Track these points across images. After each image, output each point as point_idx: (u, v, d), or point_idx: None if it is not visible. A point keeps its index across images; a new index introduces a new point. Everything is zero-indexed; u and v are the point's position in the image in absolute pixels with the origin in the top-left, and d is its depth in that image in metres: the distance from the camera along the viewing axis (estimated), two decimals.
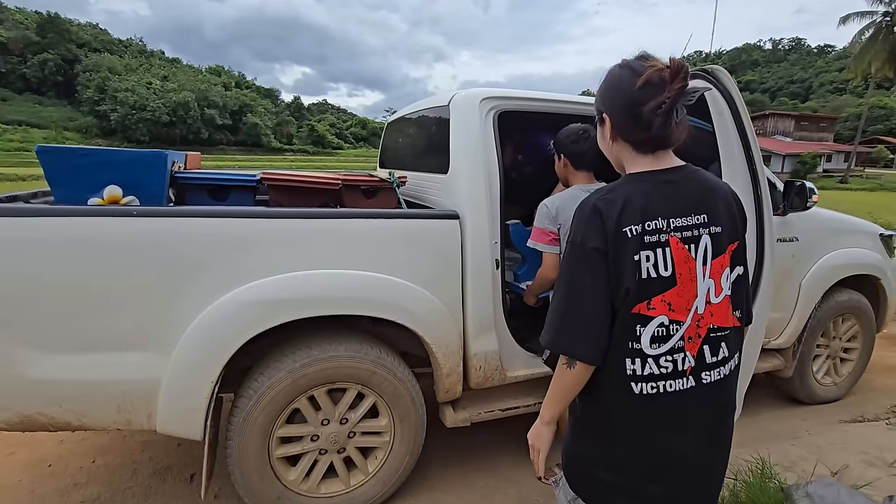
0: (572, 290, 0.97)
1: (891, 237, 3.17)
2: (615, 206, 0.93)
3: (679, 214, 0.94)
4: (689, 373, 0.96)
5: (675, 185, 0.97)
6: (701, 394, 0.97)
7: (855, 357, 3.15)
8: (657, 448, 0.98)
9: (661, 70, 0.91)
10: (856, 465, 2.09)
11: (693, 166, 1.02)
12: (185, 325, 1.62)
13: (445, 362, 1.98)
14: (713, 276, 0.96)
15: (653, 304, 0.93)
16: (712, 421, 1.02)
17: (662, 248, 0.92)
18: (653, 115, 0.92)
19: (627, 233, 0.92)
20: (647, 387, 0.95)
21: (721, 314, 0.97)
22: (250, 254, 1.68)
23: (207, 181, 2.04)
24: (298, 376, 1.77)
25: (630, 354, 0.95)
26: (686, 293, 0.94)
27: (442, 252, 1.95)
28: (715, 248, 0.96)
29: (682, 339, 0.94)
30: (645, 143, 0.97)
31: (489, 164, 2.03)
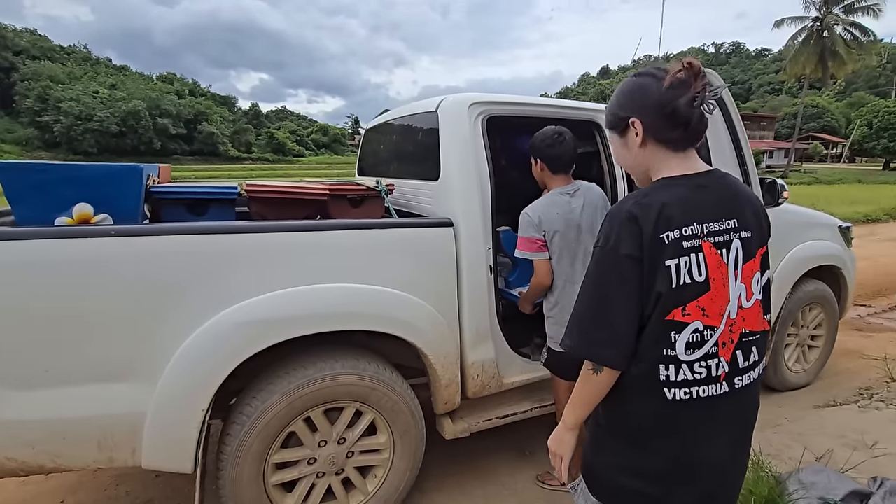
0: (601, 295, 0.96)
1: (848, 229, 3.37)
2: (652, 212, 0.92)
3: (712, 219, 0.94)
4: (723, 378, 0.96)
5: (708, 189, 0.97)
6: (733, 399, 0.98)
7: (821, 344, 3.31)
8: (690, 454, 0.98)
9: (682, 70, 0.93)
10: (839, 450, 2.19)
11: (720, 170, 1.03)
12: (171, 350, 1.51)
13: (444, 373, 1.94)
14: (744, 280, 0.96)
15: (688, 309, 0.92)
16: (742, 425, 1.03)
17: (696, 253, 0.92)
18: (689, 108, 0.93)
19: (664, 239, 0.91)
20: (681, 392, 0.95)
21: (752, 318, 0.98)
22: (239, 271, 1.59)
23: (185, 195, 1.93)
24: (294, 398, 1.69)
25: (664, 361, 0.94)
26: (719, 298, 0.94)
27: (437, 261, 1.91)
28: (745, 253, 0.96)
29: (716, 345, 0.94)
30: (683, 140, 0.97)
31: (480, 170, 2.01)
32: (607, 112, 1.07)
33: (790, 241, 2.97)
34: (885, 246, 8.62)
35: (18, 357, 1.40)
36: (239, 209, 2.29)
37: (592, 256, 0.99)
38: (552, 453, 1.11)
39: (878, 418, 2.47)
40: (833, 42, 30.77)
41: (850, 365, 3.60)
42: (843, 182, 28.01)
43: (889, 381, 3.04)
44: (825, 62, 31.60)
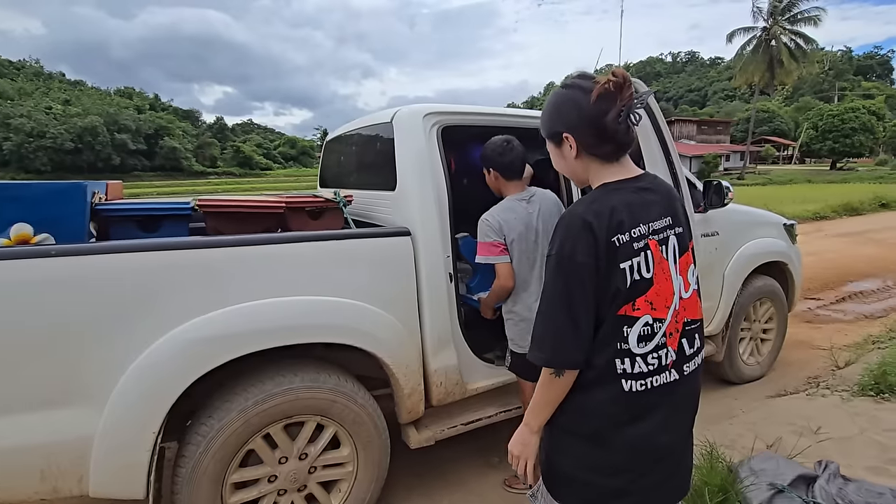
0: (564, 305, 0.97)
1: (792, 226, 3.56)
2: (603, 218, 0.96)
3: (655, 218, 1.00)
4: (671, 366, 1.01)
5: (648, 191, 1.03)
6: (683, 385, 1.04)
7: (773, 336, 3.47)
8: (649, 442, 1.02)
9: (608, 82, 0.97)
10: (787, 437, 2.29)
11: (650, 173, 1.09)
12: (118, 372, 1.47)
13: (406, 382, 1.94)
14: (682, 273, 1.03)
15: (637, 304, 0.97)
16: (692, 410, 1.10)
17: (645, 251, 0.98)
18: (615, 124, 0.98)
19: (616, 242, 0.95)
20: (637, 384, 0.99)
21: (691, 307, 1.05)
22: (190, 288, 1.56)
23: (135, 212, 1.88)
24: (252, 415, 1.65)
25: (619, 355, 0.98)
26: (663, 291, 0.99)
27: (396, 270, 1.93)
28: (681, 247, 1.03)
29: (664, 336, 1.00)
30: (613, 152, 1.03)
31: (437, 179, 2.04)
32: (541, 124, 1.11)
33: (739, 240, 3.11)
34: (832, 241, 9.11)
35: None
36: (196, 225, 2.25)
37: (548, 265, 1.01)
38: (515, 457, 1.12)
39: (824, 405, 2.61)
40: (779, 51, 32.58)
41: (801, 356, 3.78)
42: (794, 182, 29.44)
43: (834, 370, 3.21)
44: (773, 69, 33.40)
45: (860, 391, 2.66)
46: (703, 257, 2.92)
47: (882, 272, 6.67)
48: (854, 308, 5.22)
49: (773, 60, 32.99)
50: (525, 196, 1.99)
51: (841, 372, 3.12)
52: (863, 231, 10.13)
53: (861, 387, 2.69)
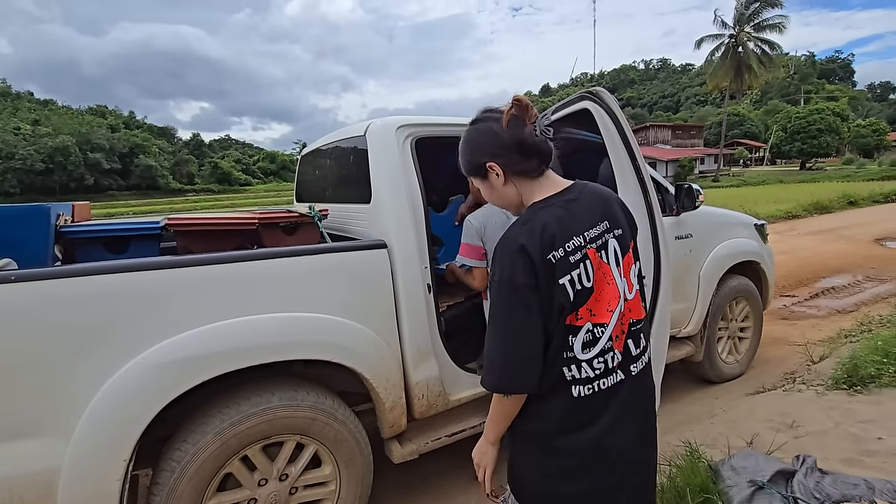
0: (510, 330, 0.98)
1: (762, 226, 3.65)
2: (535, 237, 0.97)
3: (589, 227, 1.02)
4: (617, 368, 1.03)
5: (578, 201, 1.04)
6: (631, 385, 1.05)
7: (750, 335, 3.54)
8: (602, 445, 1.02)
9: (511, 108, 1.02)
10: (765, 433, 2.33)
11: (581, 181, 1.11)
12: (87, 398, 1.42)
13: (388, 396, 1.92)
14: (625, 274, 1.05)
15: (580, 314, 0.98)
16: (643, 409, 1.11)
17: (584, 262, 0.98)
18: (532, 137, 1.01)
19: (552, 259, 0.96)
20: (585, 389, 1.00)
21: (636, 308, 1.07)
22: (161, 309, 1.52)
23: (102, 233, 1.84)
24: (228, 437, 1.61)
25: (567, 363, 0.99)
26: (604, 297, 1.00)
27: (373, 283, 1.91)
28: (622, 249, 1.05)
29: (609, 339, 1.01)
30: (537, 166, 1.05)
31: (411, 190, 2.04)
32: (462, 162, 1.13)
33: (712, 241, 3.18)
34: (805, 239, 9.37)
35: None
36: (168, 244, 2.20)
37: (491, 290, 1.02)
38: (476, 465, 1.15)
39: (800, 400, 2.66)
40: (747, 56, 33.69)
41: (778, 352, 3.86)
42: (766, 183, 30.30)
43: (810, 364, 3.28)
44: (741, 75, 34.52)
45: (834, 385, 2.72)
46: (678, 259, 2.97)
47: (852, 268, 6.88)
48: (827, 303, 5.36)
49: (741, 66, 34.11)
50: None
51: (816, 367, 3.19)
52: (833, 228, 10.45)
53: (835, 380, 2.75)
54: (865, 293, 5.66)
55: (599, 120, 1.70)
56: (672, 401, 3.13)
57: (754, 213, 12.36)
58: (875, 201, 15.42)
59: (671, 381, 3.45)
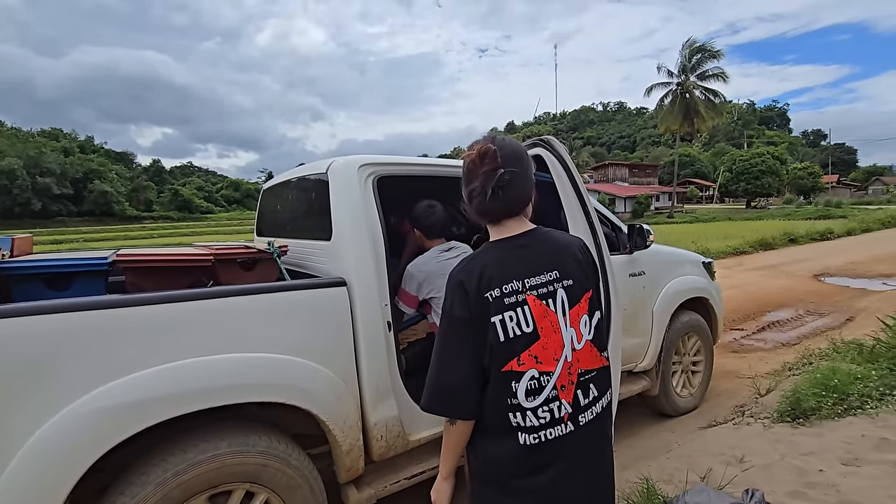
0: (444, 357, 1.04)
1: (710, 263, 3.86)
2: (474, 275, 1.03)
3: (532, 274, 1.05)
4: (567, 419, 1.04)
5: (527, 248, 1.08)
6: (581, 436, 1.06)
7: (702, 368, 3.68)
8: (550, 493, 1.03)
9: (471, 156, 1.05)
10: (717, 467, 2.39)
11: (544, 228, 1.15)
12: (16, 445, 1.32)
13: (345, 438, 1.87)
14: (573, 324, 1.06)
15: (522, 359, 1.01)
16: (595, 460, 1.11)
17: (522, 307, 1.02)
18: (472, 196, 1.07)
19: (488, 297, 1.01)
20: (531, 437, 1.02)
21: (586, 358, 1.08)
22: (98, 352, 1.45)
23: (42, 269, 1.75)
24: (171, 487, 1.52)
25: (511, 409, 1.02)
26: (551, 345, 1.03)
27: (332, 321, 1.89)
28: (571, 299, 1.07)
29: (555, 388, 1.03)
30: (486, 213, 1.10)
31: (372, 228, 2.06)
32: None
33: (664, 278, 3.32)
34: (752, 274, 9.91)
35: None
36: (116, 279, 2.12)
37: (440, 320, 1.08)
38: (433, 502, 1.15)
39: (748, 433, 2.76)
40: (694, 103, 36.20)
41: (729, 385, 4.01)
42: (717, 220, 32.03)
43: (757, 397, 3.42)
44: (690, 119, 36.96)
45: (779, 418, 2.84)
46: (632, 296, 3.09)
47: (794, 302, 7.31)
48: (773, 336, 5.65)
49: (689, 111, 36.56)
50: (445, 247, 2.29)
51: (763, 399, 3.33)
52: (776, 264, 11.11)
53: (779, 413, 2.87)
54: (807, 326, 6.00)
55: (551, 165, 1.79)
56: (630, 435, 3.18)
57: (707, 249, 13.06)
58: (813, 239, 16.56)
59: (630, 415, 3.51)
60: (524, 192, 1.10)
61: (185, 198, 59.91)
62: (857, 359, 3.58)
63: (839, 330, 5.51)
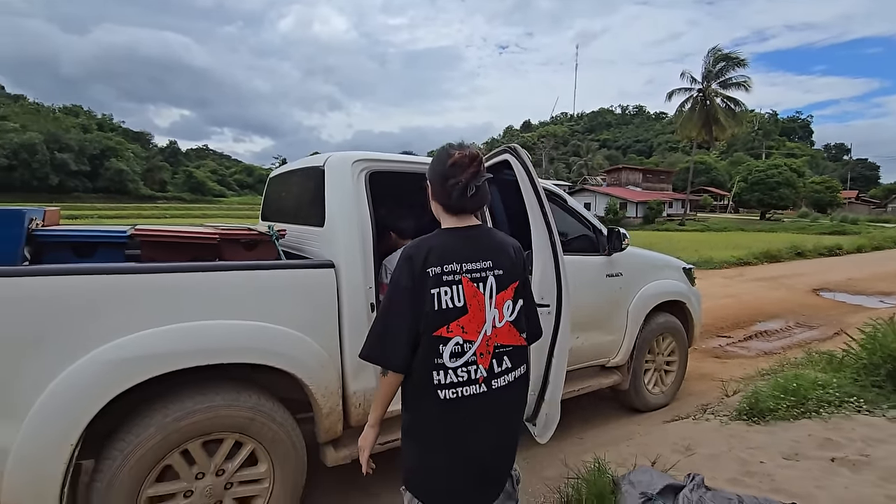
0: (385, 316, 1.27)
1: (690, 269, 4.03)
2: (422, 253, 1.25)
3: (470, 260, 1.28)
4: (481, 381, 1.27)
5: (470, 239, 1.31)
6: (492, 397, 1.29)
7: (675, 368, 3.86)
8: (460, 445, 1.27)
9: (463, 156, 1.27)
10: (668, 454, 2.59)
11: (486, 226, 1.39)
12: (40, 387, 1.57)
13: (325, 402, 2.11)
14: (497, 306, 1.30)
15: (451, 328, 1.24)
16: (502, 419, 1.34)
17: (457, 285, 1.25)
18: (453, 187, 1.27)
19: (429, 273, 1.23)
20: (450, 393, 1.24)
21: (504, 335, 1.31)
22: (114, 311, 1.69)
23: (71, 238, 2.00)
24: (170, 431, 1.77)
25: (435, 368, 1.24)
26: (476, 319, 1.26)
27: (319, 298, 2.12)
28: (498, 286, 1.30)
29: (474, 355, 1.26)
30: (450, 206, 1.32)
31: (361, 218, 2.28)
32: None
33: (641, 280, 3.51)
34: (750, 285, 10.00)
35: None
36: (133, 252, 2.36)
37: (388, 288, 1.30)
38: (359, 448, 1.38)
39: (706, 428, 2.95)
40: (714, 110, 35.85)
41: (703, 387, 4.19)
42: (728, 230, 31.86)
43: (723, 398, 3.60)
44: (709, 127, 36.62)
45: (737, 416, 3.03)
46: (608, 295, 3.28)
47: (787, 313, 7.42)
48: (758, 345, 5.80)
49: (708, 119, 36.22)
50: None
51: (728, 400, 3.51)
52: (778, 276, 11.16)
53: (738, 412, 3.06)
54: (793, 338, 6.13)
55: (517, 170, 1.99)
56: (598, 426, 3.39)
57: (709, 258, 13.11)
58: (821, 253, 16.50)
59: (603, 408, 3.71)
60: (486, 198, 1.35)
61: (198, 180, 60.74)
62: (826, 368, 3.74)
63: (824, 342, 5.64)
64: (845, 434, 2.66)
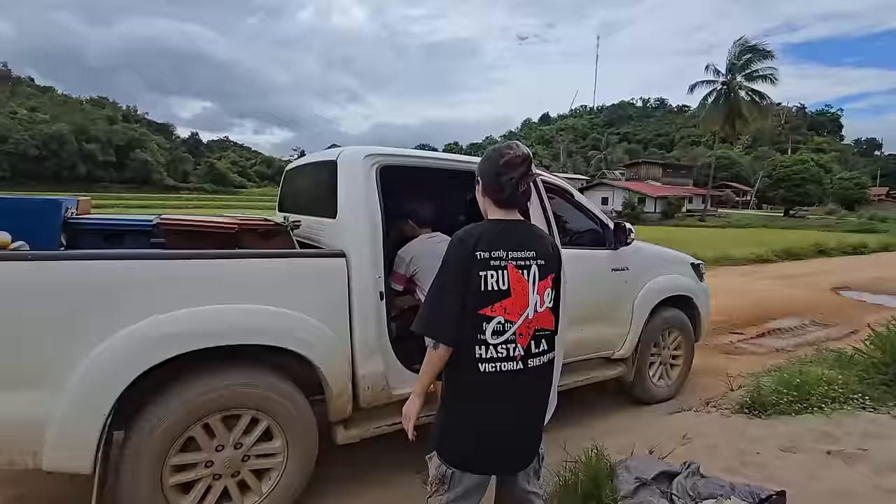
0: (437, 294, 1.39)
1: (699, 265, 4.05)
2: (472, 237, 1.38)
3: (516, 248, 1.40)
4: (519, 359, 1.39)
5: (516, 230, 1.45)
6: (527, 375, 1.41)
7: (681, 362, 3.90)
8: (497, 416, 1.39)
9: (516, 156, 1.41)
10: (666, 443, 2.65)
11: (529, 221, 1.53)
12: (78, 361, 1.73)
13: (335, 384, 2.23)
14: (539, 293, 1.42)
15: (494, 308, 1.35)
16: (534, 395, 1.47)
17: (502, 270, 1.37)
18: (508, 183, 1.40)
19: (478, 255, 1.35)
20: (489, 366, 1.36)
21: (543, 320, 1.43)
22: (146, 293, 1.84)
23: (102, 226, 2.16)
24: (194, 405, 1.92)
25: (478, 343, 1.36)
26: (518, 303, 1.38)
27: (331, 286, 2.24)
28: (540, 275, 1.43)
29: (514, 335, 1.38)
30: (500, 200, 1.44)
31: (371, 210, 2.39)
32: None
33: (647, 275, 3.55)
34: (768, 282, 9.87)
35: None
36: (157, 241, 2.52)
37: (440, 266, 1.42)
38: (404, 416, 1.49)
39: (706, 420, 3.01)
40: (738, 104, 34.97)
41: (710, 381, 4.21)
42: (751, 226, 31.22)
43: (728, 392, 3.64)
44: (733, 120, 35.77)
45: (738, 409, 3.08)
46: (614, 288, 3.34)
47: (803, 312, 7.33)
48: (770, 343, 5.76)
49: (732, 112, 35.36)
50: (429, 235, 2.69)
51: (731, 394, 3.54)
52: (797, 275, 10.98)
53: (740, 405, 3.11)
54: (807, 336, 6.07)
55: None
56: (601, 415, 3.47)
57: (726, 255, 12.93)
58: (845, 252, 16.11)
59: (606, 399, 3.78)
60: (531, 194, 1.50)
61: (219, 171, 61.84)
62: (834, 365, 3.74)
63: (839, 342, 5.58)
64: (845, 429, 2.69)
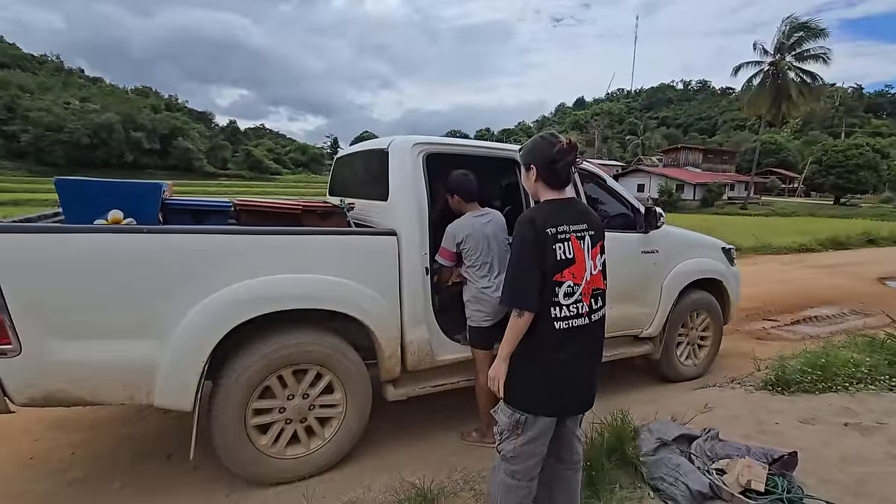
0: (519, 268, 1.63)
1: (730, 250, 4.14)
2: (541, 216, 1.63)
3: (574, 223, 1.65)
4: (585, 315, 1.65)
5: (570, 207, 1.70)
6: (591, 327, 1.67)
7: (709, 343, 4.04)
8: (568, 364, 1.65)
9: (566, 145, 1.66)
10: (689, 413, 2.84)
11: (577, 198, 1.77)
12: (181, 317, 2.08)
13: (387, 347, 2.54)
14: (592, 258, 1.67)
15: (564, 274, 1.61)
16: (596, 344, 1.74)
17: (567, 241, 1.62)
18: (565, 168, 1.66)
19: (549, 232, 1.60)
20: (563, 324, 1.63)
21: (597, 281, 1.69)
22: (234, 262, 2.18)
23: (190, 206, 2.51)
24: (270, 359, 2.26)
25: (553, 304, 1.62)
26: (580, 268, 1.64)
27: (383, 261, 2.53)
28: (592, 243, 1.68)
29: (580, 295, 1.63)
30: (556, 183, 1.70)
31: (419, 193, 2.65)
32: (521, 155, 1.78)
33: (677, 258, 3.69)
34: (808, 271, 9.64)
35: (70, 316, 1.95)
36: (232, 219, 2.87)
37: (513, 245, 1.67)
38: (491, 379, 1.72)
39: (730, 395, 3.17)
40: (786, 86, 33.21)
41: (739, 363, 4.32)
42: (796, 214, 29.92)
43: (754, 373, 3.76)
44: (780, 103, 34.01)
45: (763, 386, 3.21)
46: (643, 270, 3.51)
47: (843, 301, 7.20)
48: (804, 330, 5.75)
49: (779, 95, 33.63)
50: (480, 213, 2.71)
51: (757, 374, 3.67)
52: (841, 264, 10.64)
53: (764, 382, 3.24)
54: (845, 324, 6.01)
55: None
56: (628, 390, 3.66)
57: (766, 244, 12.60)
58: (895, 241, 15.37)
59: (635, 375, 3.96)
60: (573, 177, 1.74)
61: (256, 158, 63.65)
62: (865, 349, 3.79)
63: (877, 330, 5.52)
64: (867, 406, 2.80)
